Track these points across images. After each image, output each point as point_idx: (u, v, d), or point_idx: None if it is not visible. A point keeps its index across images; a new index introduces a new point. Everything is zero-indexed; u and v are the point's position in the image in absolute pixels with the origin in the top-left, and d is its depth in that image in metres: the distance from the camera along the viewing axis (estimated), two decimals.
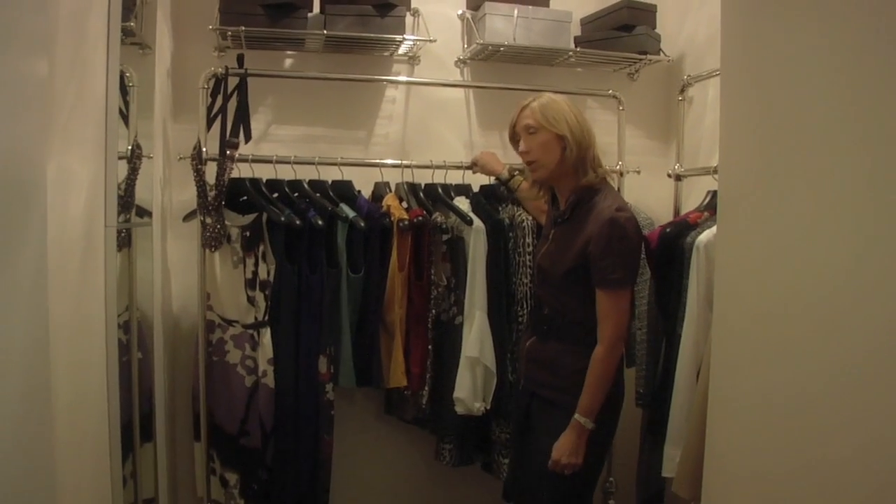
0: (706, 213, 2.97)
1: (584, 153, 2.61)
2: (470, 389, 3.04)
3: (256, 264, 3.02)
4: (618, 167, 3.48)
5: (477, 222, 3.10)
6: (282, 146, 3.35)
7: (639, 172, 3.49)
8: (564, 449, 2.54)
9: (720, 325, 1.89)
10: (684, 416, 2.67)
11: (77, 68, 1.89)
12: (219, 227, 2.97)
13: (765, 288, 1.66)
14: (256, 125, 3.27)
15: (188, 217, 3.19)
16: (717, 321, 1.90)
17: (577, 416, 2.53)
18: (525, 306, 3.13)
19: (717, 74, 3.06)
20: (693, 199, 3.41)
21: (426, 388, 3.19)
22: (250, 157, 3.06)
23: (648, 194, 3.65)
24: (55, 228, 1.58)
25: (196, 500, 3.30)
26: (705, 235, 2.71)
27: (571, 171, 2.63)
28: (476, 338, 3.04)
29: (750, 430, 1.69)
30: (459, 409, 3.06)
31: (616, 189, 2.70)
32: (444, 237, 3.16)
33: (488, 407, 3.09)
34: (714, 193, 3.02)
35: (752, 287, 1.71)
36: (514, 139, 2.75)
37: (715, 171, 2.94)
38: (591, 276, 2.53)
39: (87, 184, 1.98)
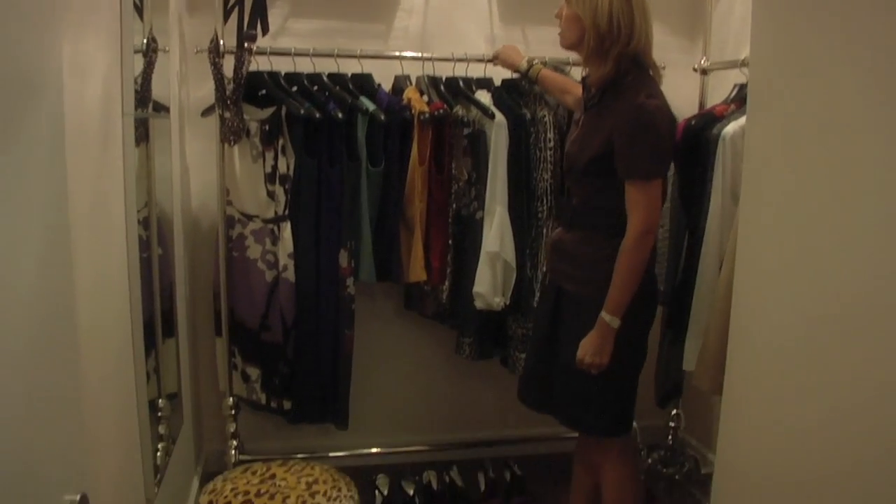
0: (732, 106, 2.91)
1: (608, 46, 2.41)
2: (490, 284, 3.05)
3: (276, 158, 3.00)
4: None
5: (499, 116, 3.05)
6: (300, 40, 3.28)
7: (663, 68, 3.40)
8: (588, 348, 2.45)
9: (746, 218, 1.85)
10: (706, 309, 2.66)
11: None
12: (237, 120, 2.95)
13: (794, 177, 1.62)
14: (274, 19, 3.20)
15: (206, 112, 3.16)
16: (744, 214, 1.86)
17: (602, 313, 2.42)
18: (545, 202, 3.11)
19: None
20: (719, 94, 3.33)
21: (446, 283, 3.19)
22: (268, 49, 3.02)
23: (673, 91, 3.49)
24: (73, 116, 1.55)
25: (218, 395, 3.36)
26: (731, 127, 2.66)
27: (594, 58, 2.47)
28: (496, 233, 3.03)
29: (775, 325, 1.68)
30: (479, 304, 3.07)
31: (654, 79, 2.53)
32: (466, 131, 3.12)
33: (507, 302, 3.10)
34: (742, 86, 2.97)
35: (781, 177, 1.68)
36: None
37: (743, 63, 2.88)
38: (616, 166, 2.40)
39: (104, 73, 1.94)
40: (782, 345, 1.64)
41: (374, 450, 3.63)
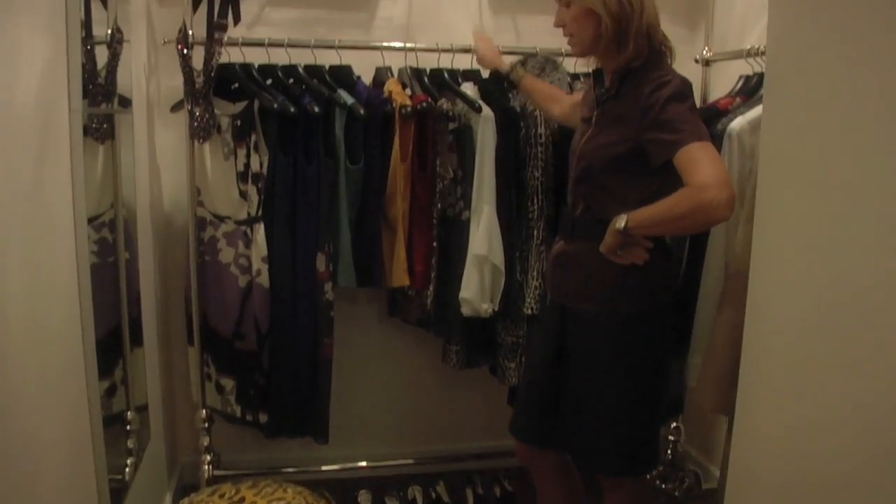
0: (738, 99, 2.76)
1: (626, 26, 2.22)
2: (477, 289, 2.89)
3: (248, 155, 2.85)
4: None
5: (486, 110, 2.88)
6: (276, 30, 3.11)
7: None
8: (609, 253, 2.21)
9: (763, 221, 1.67)
10: (710, 323, 2.51)
11: None
12: (207, 116, 2.82)
13: (815, 176, 1.45)
14: (249, 7, 3.06)
15: (176, 107, 3.02)
16: (760, 218, 1.68)
17: (618, 218, 2.15)
18: (536, 201, 2.95)
19: None
20: (721, 86, 3.18)
21: (431, 288, 3.04)
22: (240, 40, 2.86)
23: None
24: None
25: (192, 407, 3.23)
26: (738, 122, 2.49)
27: (613, 46, 2.27)
28: (484, 234, 2.86)
29: (792, 332, 1.52)
30: (466, 311, 2.92)
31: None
32: (451, 126, 2.96)
33: (496, 308, 2.94)
34: (748, 78, 2.83)
35: (800, 176, 1.50)
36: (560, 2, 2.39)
37: (749, 53, 2.72)
38: (649, 155, 2.15)
39: (43, 61, 1.77)
40: (800, 353, 1.50)
41: (359, 463, 3.49)
